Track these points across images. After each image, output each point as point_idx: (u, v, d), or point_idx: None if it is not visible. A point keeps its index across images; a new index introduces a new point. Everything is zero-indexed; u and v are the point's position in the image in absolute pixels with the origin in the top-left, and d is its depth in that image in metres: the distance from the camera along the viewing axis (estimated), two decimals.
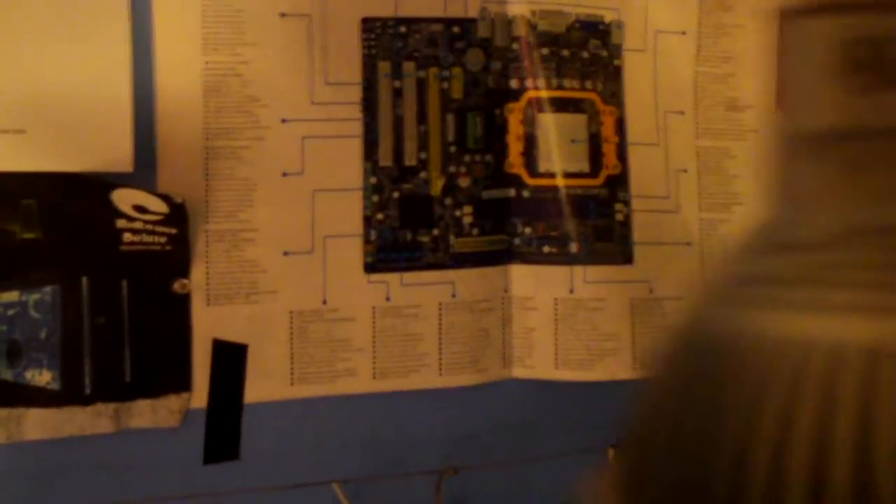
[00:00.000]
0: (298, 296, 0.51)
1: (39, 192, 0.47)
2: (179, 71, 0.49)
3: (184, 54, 0.49)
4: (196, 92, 0.49)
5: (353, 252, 0.52)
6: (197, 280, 0.49)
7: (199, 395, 0.50)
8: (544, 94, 0.53)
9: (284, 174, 0.50)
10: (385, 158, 0.52)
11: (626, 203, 0.55)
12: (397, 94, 0.52)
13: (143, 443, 0.49)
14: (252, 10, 0.50)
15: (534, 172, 0.54)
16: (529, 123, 0.53)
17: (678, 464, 0.20)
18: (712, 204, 0.56)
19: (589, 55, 0.54)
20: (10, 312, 0.47)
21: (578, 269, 0.54)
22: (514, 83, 0.54)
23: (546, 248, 0.54)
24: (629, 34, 0.55)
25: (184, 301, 0.49)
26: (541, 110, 0.53)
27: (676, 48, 0.56)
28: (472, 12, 0.53)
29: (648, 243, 0.55)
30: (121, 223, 0.48)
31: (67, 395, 0.47)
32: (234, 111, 0.50)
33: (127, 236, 0.48)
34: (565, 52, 0.54)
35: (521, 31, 0.53)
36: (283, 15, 0.50)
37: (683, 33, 0.56)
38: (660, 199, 0.56)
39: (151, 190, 0.48)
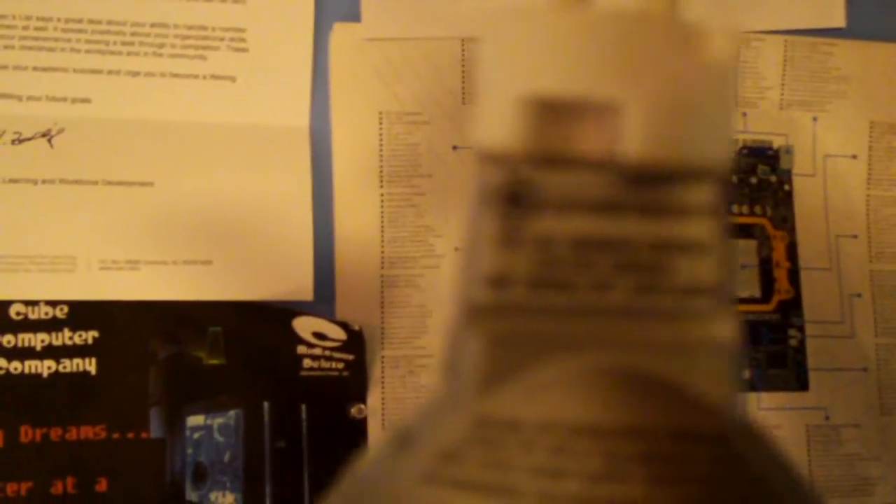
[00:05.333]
0: None
1: (225, 320, 0.49)
2: (357, 202, 0.51)
3: (361, 186, 0.51)
4: (373, 222, 0.51)
5: None
6: (373, 405, 0.50)
7: None
8: None
9: None
10: None
11: (800, 328, 0.54)
12: None
13: None
14: (427, 143, 0.52)
15: None
16: None
17: None
18: (888, 329, 0.55)
19: (758, 181, 0.54)
20: (196, 436, 0.49)
21: (752, 396, 0.53)
22: None
23: None
24: (798, 159, 0.55)
25: (361, 426, 0.50)
26: None
27: (847, 172, 0.56)
28: None
29: (823, 369, 0.54)
30: (301, 349, 0.50)
31: None
32: (410, 241, 0.51)
33: (307, 362, 0.50)
34: (734, 178, 0.54)
35: None
36: (455, 148, 0.52)
37: (854, 157, 0.56)
38: (834, 325, 0.55)
39: (330, 317, 0.50)
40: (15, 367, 0.47)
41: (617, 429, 0.19)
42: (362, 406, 0.50)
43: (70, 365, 0.48)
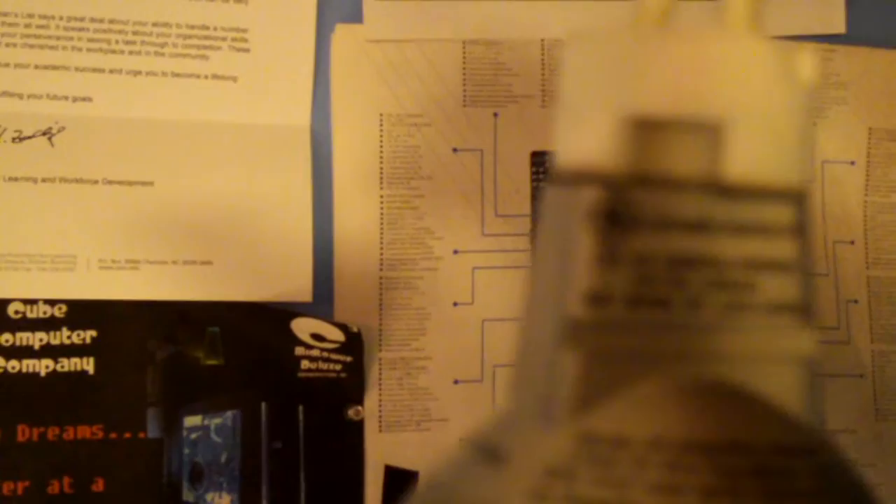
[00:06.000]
0: (468, 424, 0.51)
1: (223, 321, 0.49)
2: (357, 204, 0.51)
3: (361, 187, 0.51)
4: (373, 224, 0.51)
5: None
6: (370, 407, 0.51)
7: None
8: None
9: (455, 304, 0.52)
10: None
11: None
12: None
13: None
14: (427, 145, 0.52)
15: None
16: None
17: None
18: (884, 335, 0.55)
19: None
20: (193, 436, 0.49)
21: None
22: None
23: None
24: None
25: (358, 428, 0.50)
26: None
27: (845, 178, 0.56)
28: None
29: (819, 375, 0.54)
30: (299, 351, 0.50)
31: None
32: (409, 243, 0.51)
33: (304, 363, 0.50)
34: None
35: None
36: (455, 150, 0.52)
37: (852, 163, 0.56)
38: (830, 330, 0.55)
39: (329, 319, 0.50)
40: (13, 365, 0.47)
41: (724, 444, 0.19)
42: (359, 408, 0.50)
43: (68, 364, 0.48)
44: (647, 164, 0.20)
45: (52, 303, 0.48)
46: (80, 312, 0.48)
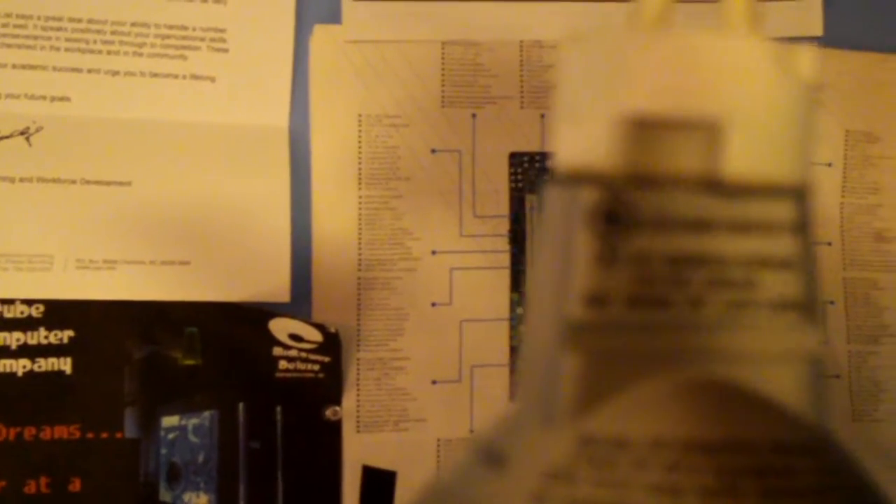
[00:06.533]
0: (446, 424, 0.51)
1: (201, 321, 0.49)
2: (335, 204, 0.51)
3: (340, 188, 0.51)
4: (351, 225, 0.51)
5: (499, 381, 0.52)
6: (348, 407, 0.51)
7: None
8: None
9: (433, 304, 0.52)
10: None
11: None
12: None
13: None
14: (406, 146, 0.52)
15: None
16: None
17: None
18: (860, 336, 0.56)
19: None
20: (171, 436, 0.49)
21: None
22: None
23: None
24: None
25: (335, 428, 0.51)
26: None
27: (822, 180, 0.56)
28: None
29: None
30: (277, 351, 0.50)
31: None
32: (387, 243, 0.52)
33: (282, 364, 0.50)
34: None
35: None
36: (433, 151, 0.52)
37: (829, 165, 0.56)
38: None
39: (307, 319, 0.50)
40: None
41: (724, 443, 0.19)
42: (337, 408, 0.50)
43: (45, 364, 0.48)
44: (646, 163, 0.20)
45: (29, 302, 0.48)
46: (58, 312, 0.48)
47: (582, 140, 0.20)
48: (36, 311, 0.48)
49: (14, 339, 0.47)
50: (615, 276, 0.20)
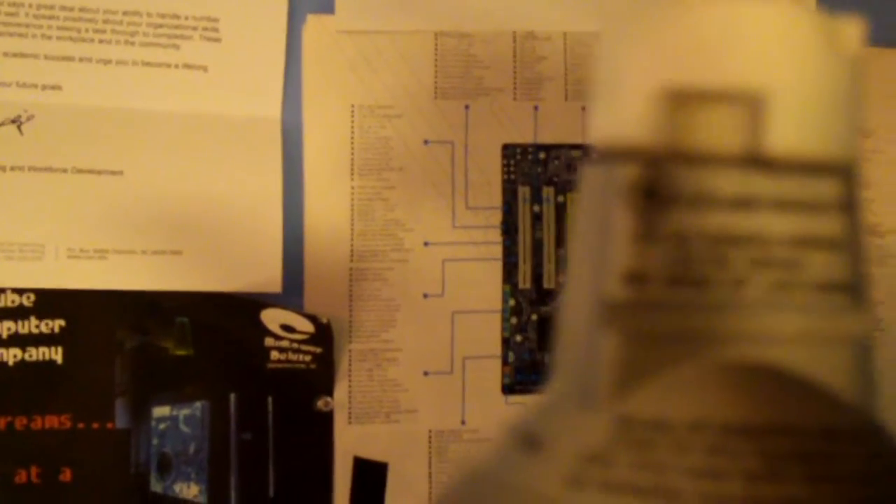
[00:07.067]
0: (438, 416, 0.51)
1: (193, 311, 0.49)
2: (328, 195, 0.51)
3: (332, 178, 0.51)
4: (343, 215, 0.51)
5: (491, 373, 0.52)
6: (339, 399, 0.51)
7: None
8: None
9: (426, 296, 0.52)
10: (524, 281, 0.53)
11: None
12: (537, 218, 0.53)
13: None
14: (398, 137, 0.52)
15: None
16: None
17: None
18: None
19: None
20: (162, 427, 0.49)
21: None
22: None
23: None
24: None
25: (327, 419, 0.50)
26: None
27: None
28: None
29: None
30: (269, 342, 0.50)
31: None
32: (380, 234, 0.51)
33: (274, 354, 0.50)
34: None
35: None
36: (426, 142, 0.52)
37: None
38: None
39: (299, 310, 0.50)
40: None
41: (768, 427, 0.18)
42: (329, 399, 0.50)
43: (36, 353, 0.48)
44: (686, 138, 0.19)
45: (20, 292, 0.48)
46: (49, 301, 0.48)
47: (620, 116, 0.20)
48: (27, 301, 0.48)
49: (5, 328, 0.47)
50: (654, 255, 0.19)
